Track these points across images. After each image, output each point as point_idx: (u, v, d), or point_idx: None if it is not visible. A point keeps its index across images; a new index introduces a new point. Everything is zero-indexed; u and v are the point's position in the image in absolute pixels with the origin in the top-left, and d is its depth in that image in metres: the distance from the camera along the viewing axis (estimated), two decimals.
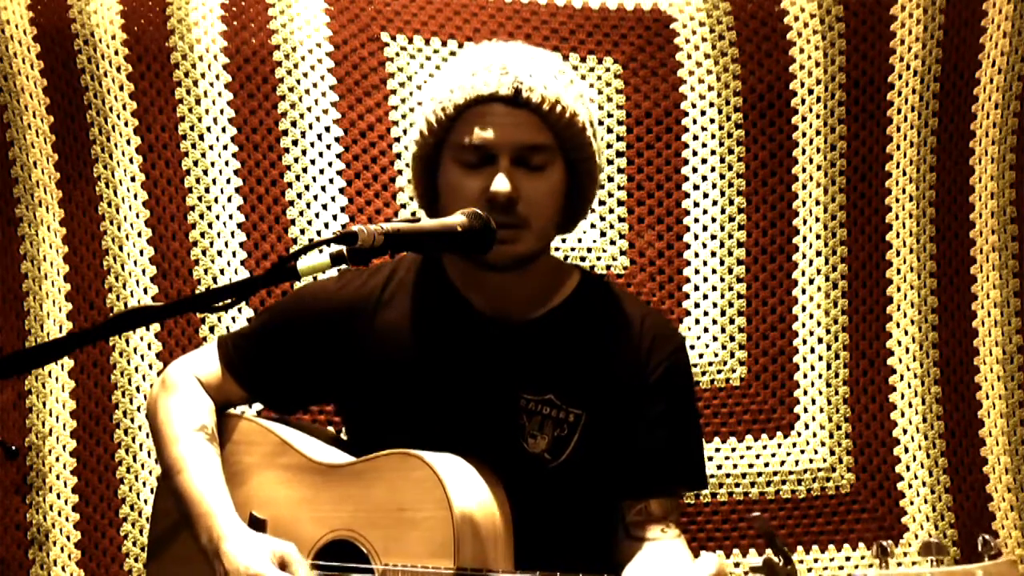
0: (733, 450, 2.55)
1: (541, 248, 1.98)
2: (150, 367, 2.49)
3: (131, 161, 2.51)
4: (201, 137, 2.52)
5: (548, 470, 1.95)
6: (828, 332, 2.57)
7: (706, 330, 2.59)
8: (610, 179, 2.59)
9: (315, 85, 2.54)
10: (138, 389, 2.48)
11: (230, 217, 2.52)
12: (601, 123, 2.59)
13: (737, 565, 2.51)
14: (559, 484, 1.96)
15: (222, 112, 2.52)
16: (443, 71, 2.00)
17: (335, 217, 2.54)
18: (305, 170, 2.54)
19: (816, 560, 2.52)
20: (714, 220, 2.60)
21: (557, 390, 1.97)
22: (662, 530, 1.96)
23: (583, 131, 1.95)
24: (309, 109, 2.54)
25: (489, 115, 1.90)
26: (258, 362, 2.07)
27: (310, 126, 2.54)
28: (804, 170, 2.59)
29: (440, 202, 1.97)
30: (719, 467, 2.54)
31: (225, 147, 2.52)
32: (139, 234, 2.50)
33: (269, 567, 1.80)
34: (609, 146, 2.59)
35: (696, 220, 2.60)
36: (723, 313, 2.59)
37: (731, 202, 2.60)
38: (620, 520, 1.99)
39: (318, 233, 2.53)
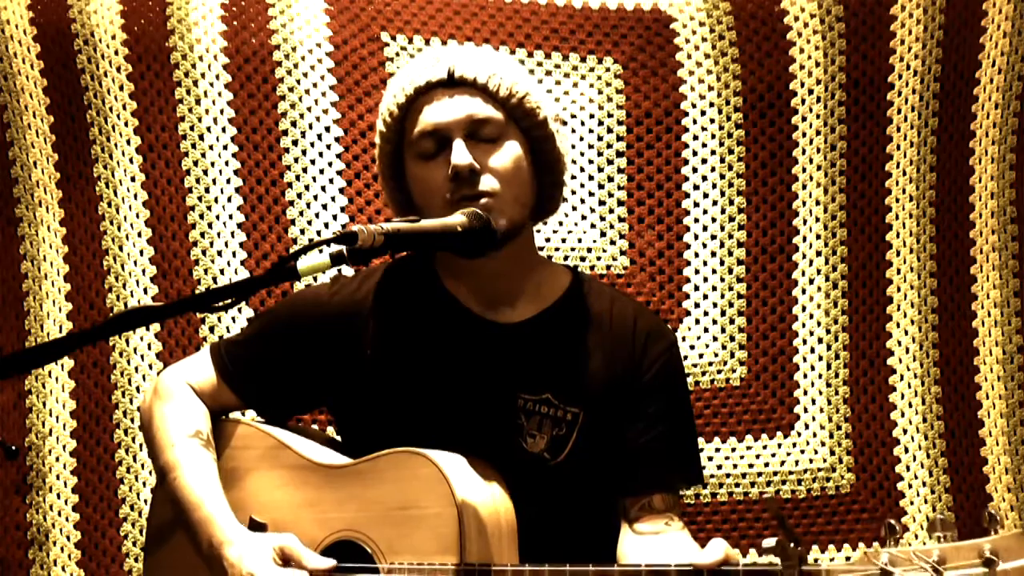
0: (733, 450, 2.55)
1: (519, 220, 1.96)
2: (150, 367, 2.49)
3: (131, 161, 2.51)
4: (201, 137, 2.52)
5: (548, 469, 1.96)
6: (828, 332, 2.57)
7: (706, 330, 2.59)
8: (610, 179, 2.59)
9: (315, 85, 2.54)
10: (138, 389, 2.48)
11: (230, 217, 2.52)
12: (601, 123, 2.59)
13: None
14: (559, 482, 1.96)
15: (222, 112, 2.52)
16: (388, 85, 2.06)
17: (335, 217, 2.54)
18: (305, 170, 2.54)
19: (816, 560, 2.52)
20: (714, 220, 2.60)
21: (554, 389, 1.97)
22: (666, 524, 1.97)
23: (526, 97, 1.96)
24: (309, 109, 2.54)
25: (431, 100, 1.93)
26: (252, 369, 2.07)
27: (310, 126, 2.54)
28: (804, 170, 2.59)
29: (415, 202, 1.98)
30: (719, 467, 2.55)
31: (225, 147, 2.52)
32: (139, 234, 2.50)
33: (271, 568, 1.80)
34: (609, 146, 2.59)
35: (696, 220, 2.60)
36: (723, 313, 2.59)
37: (731, 202, 2.60)
38: (623, 516, 1.99)
39: (318, 233, 2.53)
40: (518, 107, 1.96)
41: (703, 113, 2.60)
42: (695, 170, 2.61)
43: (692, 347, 2.57)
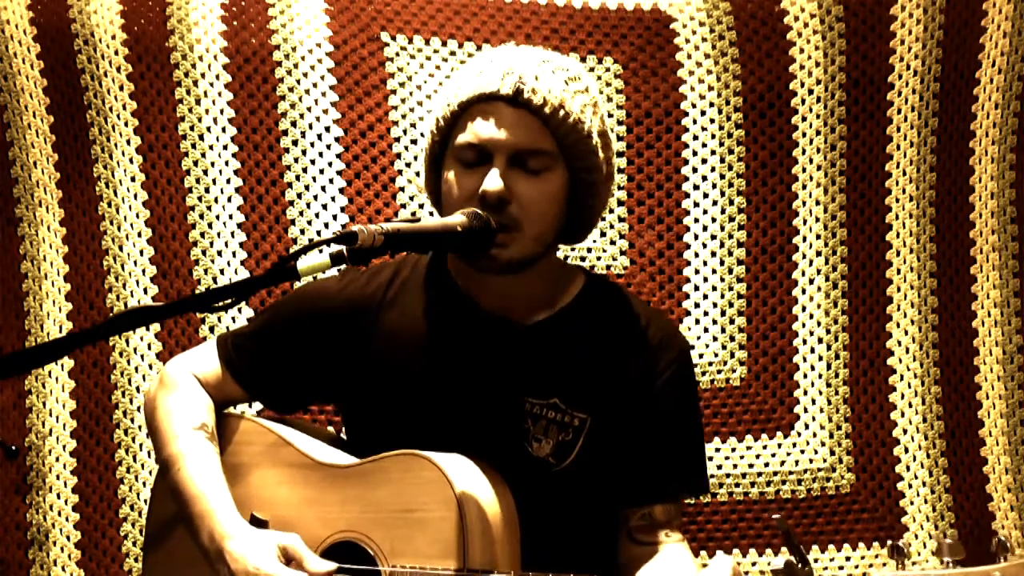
0: (733, 450, 2.55)
1: (536, 254, 1.93)
2: (150, 367, 2.49)
3: (131, 161, 2.51)
4: (201, 137, 2.52)
5: (552, 474, 1.94)
6: (828, 332, 2.57)
7: (706, 330, 2.59)
8: None
9: (315, 85, 2.54)
10: (138, 389, 2.48)
11: (230, 217, 2.52)
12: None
13: (738, 564, 2.51)
14: (563, 488, 1.95)
15: (222, 112, 2.52)
16: (458, 71, 1.99)
17: (335, 217, 2.54)
18: (305, 170, 2.54)
19: (816, 560, 2.52)
20: (714, 220, 2.60)
21: (562, 394, 1.96)
22: (666, 535, 1.96)
23: (587, 139, 1.91)
24: (309, 109, 2.54)
25: (489, 114, 1.88)
26: (258, 361, 2.06)
27: (310, 126, 2.54)
28: (804, 170, 2.59)
29: (441, 201, 1.97)
30: (719, 467, 2.54)
31: (225, 147, 2.52)
32: (139, 234, 2.50)
33: (276, 565, 1.79)
34: None
35: (696, 220, 2.60)
36: (723, 313, 2.59)
37: (731, 202, 2.60)
38: (623, 524, 1.98)
39: (318, 233, 2.53)
40: (574, 146, 1.90)
41: (703, 113, 2.60)
42: (695, 170, 2.61)
43: (692, 347, 2.57)
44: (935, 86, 2.56)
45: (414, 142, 2.56)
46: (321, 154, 2.54)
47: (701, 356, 2.57)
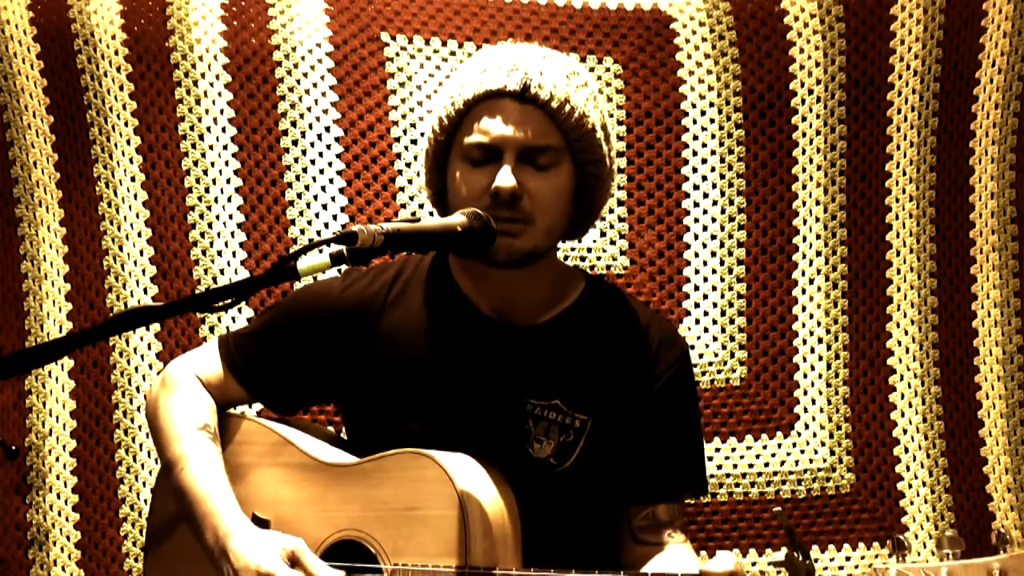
0: (733, 450, 2.55)
1: (545, 248, 1.95)
2: (150, 367, 2.49)
3: (131, 161, 2.51)
4: (201, 137, 2.52)
5: (553, 475, 1.95)
6: (828, 332, 2.57)
7: (706, 330, 2.59)
8: None
9: (315, 85, 2.54)
10: (138, 389, 2.48)
11: (230, 217, 2.52)
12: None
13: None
14: (564, 489, 1.95)
15: (222, 112, 2.52)
16: (459, 69, 2.01)
17: (335, 217, 2.54)
18: (305, 170, 2.54)
19: (816, 560, 2.52)
20: (714, 220, 2.60)
21: (563, 395, 1.96)
22: (669, 535, 1.97)
23: (592, 133, 1.94)
24: (309, 109, 2.54)
25: (497, 111, 1.89)
26: (260, 362, 2.06)
27: (310, 126, 2.54)
28: (804, 170, 2.59)
29: (448, 198, 1.97)
30: (719, 467, 2.55)
31: (225, 147, 2.52)
32: (139, 234, 2.50)
33: (279, 564, 1.79)
34: None
35: (696, 220, 2.60)
36: (723, 313, 2.59)
37: (731, 202, 2.60)
38: (626, 525, 1.99)
39: (318, 233, 2.53)
40: (580, 140, 1.93)
41: (703, 113, 2.60)
42: (695, 170, 2.61)
43: (692, 347, 2.57)
44: (935, 86, 2.56)
45: (414, 142, 2.56)
46: (321, 154, 2.54)
47: (701, 356, 2.58)
